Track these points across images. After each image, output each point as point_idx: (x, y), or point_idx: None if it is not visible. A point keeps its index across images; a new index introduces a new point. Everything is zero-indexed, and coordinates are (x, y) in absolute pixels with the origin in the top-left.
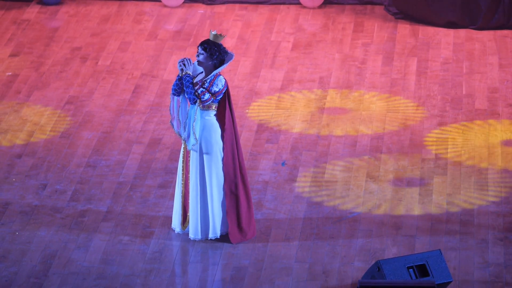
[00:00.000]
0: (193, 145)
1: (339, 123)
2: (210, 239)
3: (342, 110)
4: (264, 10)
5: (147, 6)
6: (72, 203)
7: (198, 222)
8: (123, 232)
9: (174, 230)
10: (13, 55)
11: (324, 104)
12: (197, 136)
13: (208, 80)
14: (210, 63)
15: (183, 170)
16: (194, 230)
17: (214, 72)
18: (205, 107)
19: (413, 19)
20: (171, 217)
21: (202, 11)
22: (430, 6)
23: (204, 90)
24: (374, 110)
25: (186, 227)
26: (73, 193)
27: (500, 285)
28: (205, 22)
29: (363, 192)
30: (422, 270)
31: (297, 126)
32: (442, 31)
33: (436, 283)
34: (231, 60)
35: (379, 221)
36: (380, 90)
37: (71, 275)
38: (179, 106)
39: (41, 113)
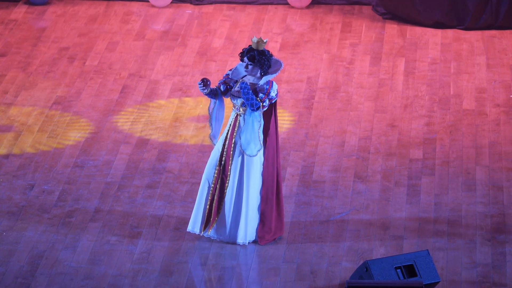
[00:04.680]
0: (258, 150)
1: (327, 123)
2: (228, 242)
3: (330, 111)
4: (252, 10)
5: (135, 6)
6: (59, 203)
7: (229, 225)
8: (110, 232)
9: (195, 233)
10: (0, 55)
11: (312, 104)
12: (262, 142)
13: (266, 87)
14: (258, 72)
15: (215, 173)
16: (222, 232)
17: (269, 79)
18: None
19: (401, 19)
20: (158, 217)
21: (190, 11)
22: (417, 6)
23: (263, 96)
24: (362, 110)
25: (210, 231)
26: (60, 193)
27: (488, 285)
28: (193, 22)
29: (351, 192)
30: (410, 271)
31: (285, 126)
32: (429, 31)
33: (424, 283)
34: (282, 68)
35: (367, 221)
36: (368, 90)
37: (59, 275)
38: (214, 107)
39: (28, 113)
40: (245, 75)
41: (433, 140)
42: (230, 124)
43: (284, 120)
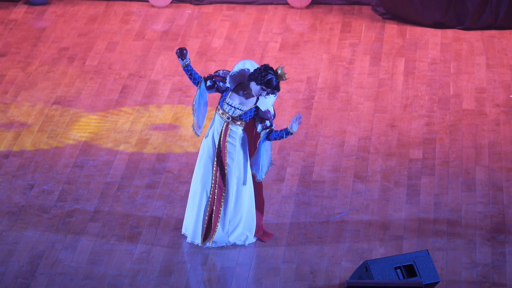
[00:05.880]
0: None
1: (327, 123)
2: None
3: (330, 111)
4: (252, 10)
5: (135, 6)
6: (59, 203)
7: (229, 231)
8: (110, 232)
9: (197, 244)
10: (0, 55)
11: (312, 104)
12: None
13: (270, 114)
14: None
15: (212, 183)
16: (223, 240)
17: (272, 103)
18: (238, 121)
19: (401, 19)
20: (158, 218)
21: (190, 11)
22: (417, 6)
23: (270, 123)
24: (361, 110)
25: (211, 241)
26: (60, 194)
27: (488, 285)
28: (192, 22)
29: (351, 192)
30: (409, 271)
31: (284, 126)
32: (429, 31)
33: (423, 283)
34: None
35: (366, 221)
36: (367, 90)
37: (59, 275)
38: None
39: (28, 113)
40: (240, 83)
41: (432, 140)
42: (221, 132)
43: (284, 120)
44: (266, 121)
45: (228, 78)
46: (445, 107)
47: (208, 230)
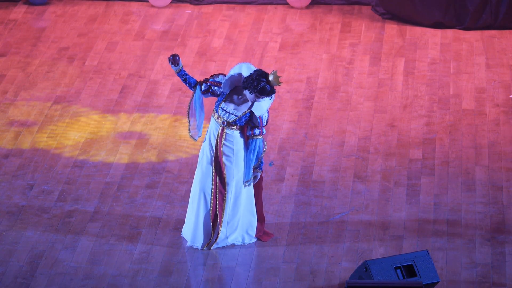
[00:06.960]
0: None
1: (327, 123)
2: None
3: (330, 111)
4: (252, 10)
5: (135, 6)
6: (59, 204)
7: (229, 233)
8: (110, 232)
9: (197, 248)
10: (0, 55)
11: (312, 104)
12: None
13: (259, 121)
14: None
15: (212, 186)
16: (223, 242)
17: (267, 108)
18: (233, 125)
19: (401, 20)
20: (158, 218)
21: (190, 11)
22: (417, 6)
23: (260, 130)
24: (361, 110)
25: (213, 245)
26: (60, 194)
27: (487, 285)
28: (192, 22)
29: (351, 192)
30: (409, 271)
31: (284, 126)
32: (429, 31)
33: (423, 283)
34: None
35: (366, 221)
36: (367, 90)
37: (58, 275)
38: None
39: (28, 113)
40: (236, 87)
41: (432, 140)
42: (217, 136)
43: (284, 120)
44: (255, 129)
45: (223, 83)
46: (445, 107)
47: (211, 235)
